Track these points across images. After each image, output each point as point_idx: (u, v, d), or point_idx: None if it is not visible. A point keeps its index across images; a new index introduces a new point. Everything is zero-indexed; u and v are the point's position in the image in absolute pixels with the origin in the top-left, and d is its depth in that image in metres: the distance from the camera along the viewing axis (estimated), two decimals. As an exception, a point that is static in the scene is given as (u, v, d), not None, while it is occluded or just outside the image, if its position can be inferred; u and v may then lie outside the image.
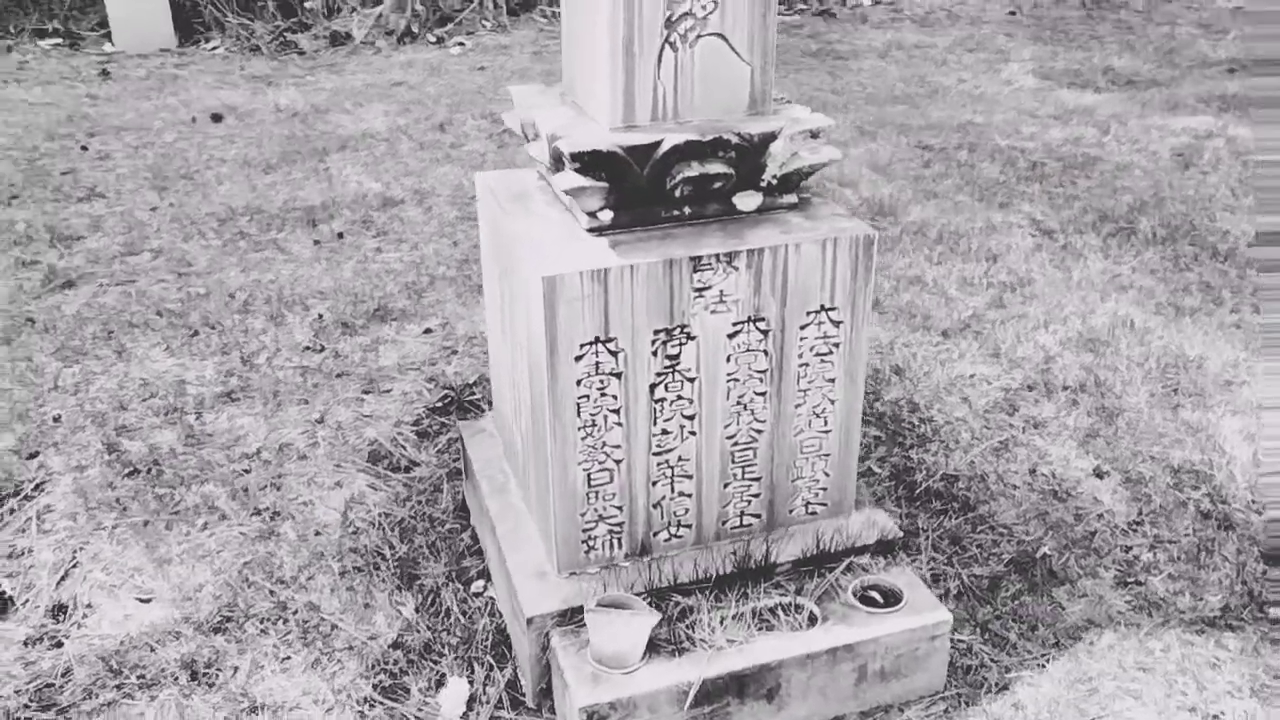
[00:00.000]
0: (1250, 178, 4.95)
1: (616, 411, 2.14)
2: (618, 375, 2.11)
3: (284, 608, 2.49)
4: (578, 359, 2.07)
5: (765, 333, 2.18)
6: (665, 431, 2.21)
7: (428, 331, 3.72)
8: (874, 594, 2.31)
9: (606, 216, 2.10)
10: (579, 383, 2.09)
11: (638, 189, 2.08)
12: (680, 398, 2.18)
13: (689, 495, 2.30)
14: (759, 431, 2.28)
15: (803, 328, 2.20)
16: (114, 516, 2.78)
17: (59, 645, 2.41)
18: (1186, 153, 5.38)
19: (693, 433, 2.23)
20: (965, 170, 5.31)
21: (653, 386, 2.15)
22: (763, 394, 2.24)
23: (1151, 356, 3.42)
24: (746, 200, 2.18)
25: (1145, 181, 5.05)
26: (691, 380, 2.17)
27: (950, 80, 7.27)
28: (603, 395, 2.12)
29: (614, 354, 2.09)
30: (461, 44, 8.61)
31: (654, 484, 2.25)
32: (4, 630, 2.46)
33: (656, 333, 2.10)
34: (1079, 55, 7.91)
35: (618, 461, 2.20)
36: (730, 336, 2.16)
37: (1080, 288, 3.93)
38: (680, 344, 2.13)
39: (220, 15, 8.51)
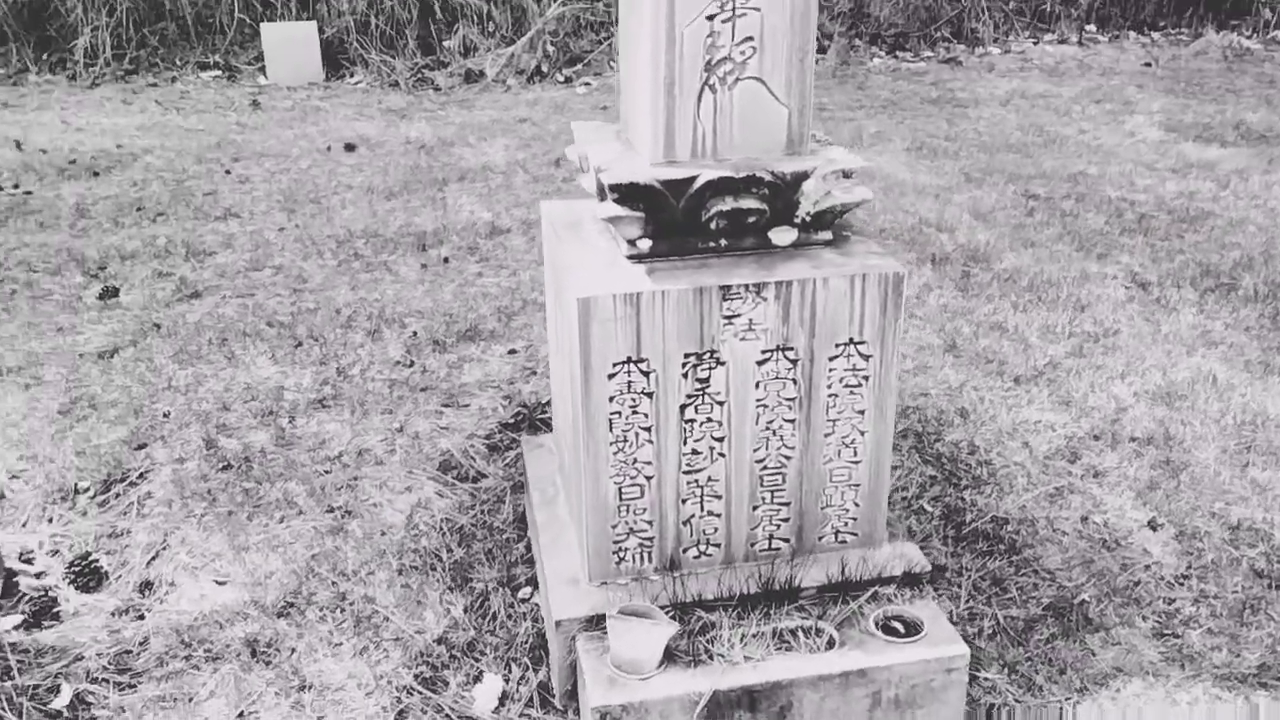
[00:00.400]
0: (1372, 237, 4.76)
1: (648, 429, 2.26)
2: (649, 395, 2.23)
3: (343, 598, 2.68)
4: (610, 377, 2.19)
5: (794, 362, 2.26)
6: (695, 451, 2.31)
7: (512, 352, 3.91)
8: (896, 624, 2.35)
9: (645, 245, 2.23)
10: (611, 399, 2.21)
11: (674, 220, 2.21)
12: (710, 420, 2.29)
13: (718, 515, 2.39)
14: (788, 457, 2.36)
15: (831, 359, 2.28)
16: (204, 506, 3.03)
17: (141, 618, 2.65)
18: (1306, 210, 5.21)
19: (722, 454, 2.33)
20: (1069, 220, 5.25)
21: (683, 407, 2.26)
22: (792, 421, 2.32)
23: (1230, 413, 3.34)
24: (781, 235, 2.28)
25: (1258, 238, 4.91)
26: (721, 403, 2.28)
27: (1070, 130, 7.17)
28: (634, 413, 2.24)
29: (646, 374, 2.21)
30: (588, 84, 8.92)
31: (684, 502, 2.36)
32: (97, 601, 2.71)
33: (687, 356, 2.22)
34: (1211, 109, 7.70)
35: (649, 478, 2.31)
36: (759, 364, 2.25)
37: (1167, 341, 3.86)
38: (710, 368, 2.24)
39: (364, 52, 9.03)
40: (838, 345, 2.27)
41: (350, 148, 6.93)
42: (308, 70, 8.93)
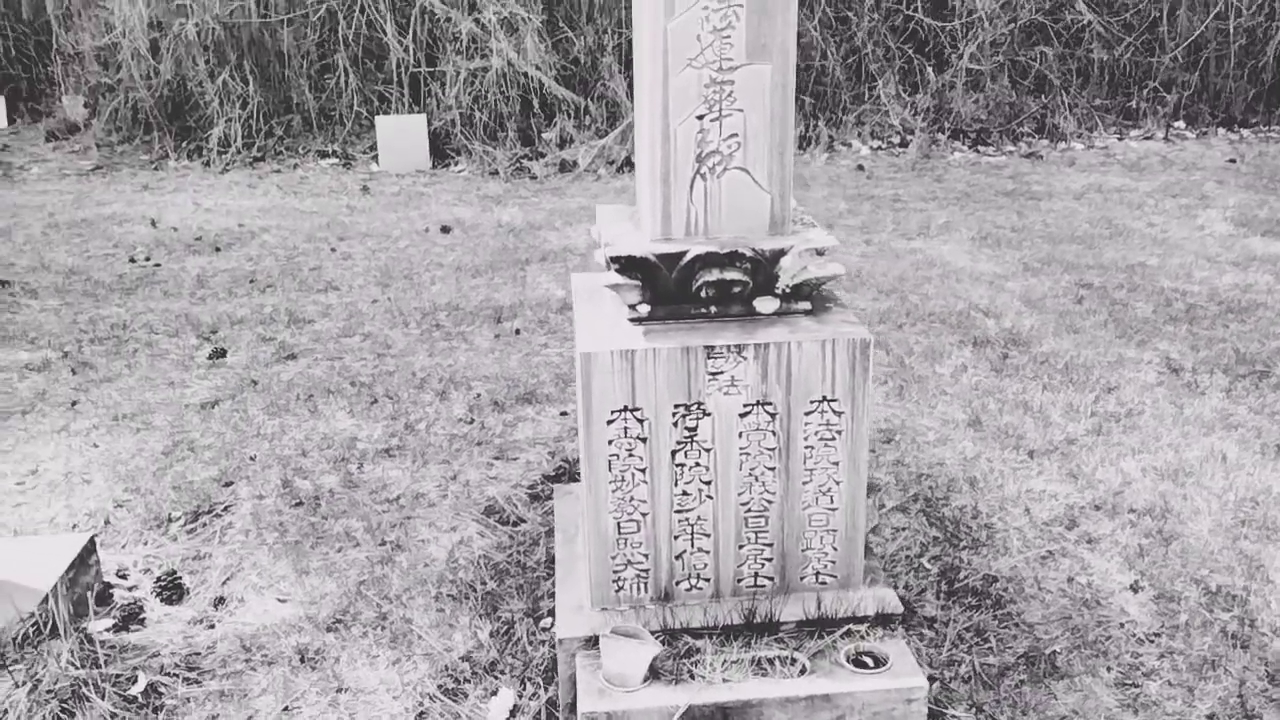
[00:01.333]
0: None
1: (643, 471, 2.57)
2: (644, 440, 2.55)
3: (384, 618, 3.03)
4: (609, 423, 2.52)
5: (773, 415, 2.56)
6: (685, 493, 2.61)
7: (563, 414, 4.27)
8: (867, 659, 2.58)
9: (644, 310, 2.58)
10: (610, 443, 2.54)
11: (668, 288, 2.55)
12: (698, 464, 2.59)
13: (707, 552, 2.67)
14: (770, 502, 2.64)
15: (807, 414, 2.56)
16: (275, 536, 3.44)
17: (211, 627, 3.04)
18: (1358, 303, 5.26)
19: (710, 496, 2.62)
20: (1117, 308, 5.41)
21: (674, 452, 2.57)
22: (772, 469, 2.61)
23: (1233, 490, 3.48)
24: (765, 304, 2.60)
25: (1304, 329, 5.00)
26: (708, 450, 2.58)
27: (1139, 224, 7.31)
28: (630, 455, 2.56)
29: (640, 421, 2.53)
30: (675, 174, 9.40)
31: (676, 538, 2.65)
32: (177, 611, 3.12)
33: (676, 407, 2.54)
34: (1289, 204, 7.73)
35: (644, 514, 2.62)
36: (742, 415, 2.56)
37: (1187, 423, 4.00)
38: (698, 418, 2.55)
39: (468, 143, 9.71)
40: (812, 402, 2.56)
41: (446, 229, 7.50)
42: (416, 159, 9.64)
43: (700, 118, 2.49)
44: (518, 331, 5.31)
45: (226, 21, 9.52)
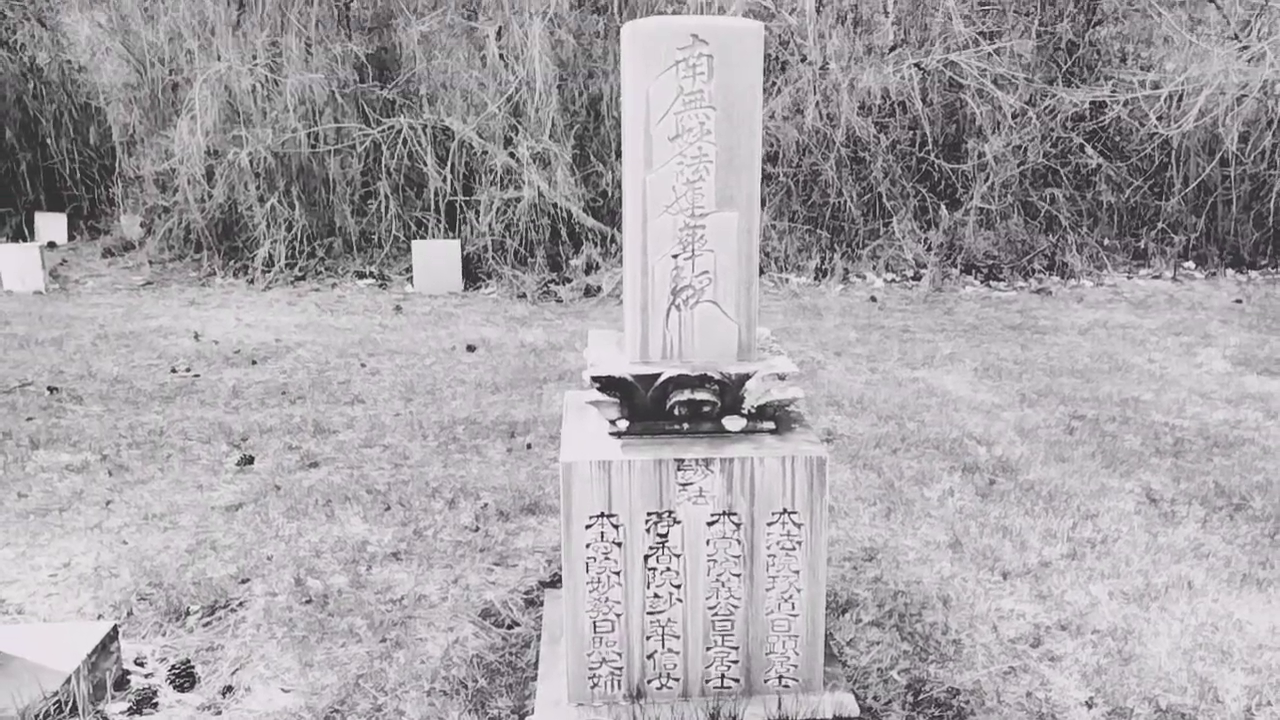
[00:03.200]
0: (1398, 469, 4.95)
1: (617, 574, 2.81)
2: (619, 544, 2.79)
3: (379, 709, 3.23)
4: (587, 527, 2.77)
5: (738, 525, 2.80)
6: (657, 596, 2.83)
7: (564, 526, 4.50)
8: (822, 759, 2.76)
9: (623, 425, 2.85)
10: (588, 546, 2.78)
11: (644, 406, 2.83)
12: (669, 569, 2.82)
13: (677, 653, 2.88)
14: (736, 606, 2.85)
15: (769, 524, 2.80)
16: (284, 630, 3.67)
17: (219, 714, 3.26)
18: (1341, 440, 5.43)
19: (680, 599, 2.84)
20: (1106, 440, 5.61)
21: (646, 557, 2.81)
22: (738, 575, 2.83)
23: (1195, 615, 3.63)
24: (732, 422, 2.86)
25: (1285, 464, 5.16)
26: (678, 556, 2.81)
27: (1140, 359, 7.53)
28: (606, 559, 2.80)
29: (616, 527, 2.78)
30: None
31: (648, 639, 2.86)
32: (188, 698, 3.34)
33: (650, 514, 2.78)
34: (1289, 343, 7.94)
35: (618, 615, 2.84)
36: (709, 524, 2.79)
37: (1160, 550, 4.17)
38: (669, 525, 2.79)
39: (498, 267, 10.18)
40: (774, 513, 2.79)
41: (471, 348, 7.86)
42: (448, 281, 10.10)
43: (675, 256, 2.81)
44: (529, 446, 5.58)
45: (278, 151, 10.16)
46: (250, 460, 5.39)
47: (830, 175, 10.77)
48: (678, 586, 2.83)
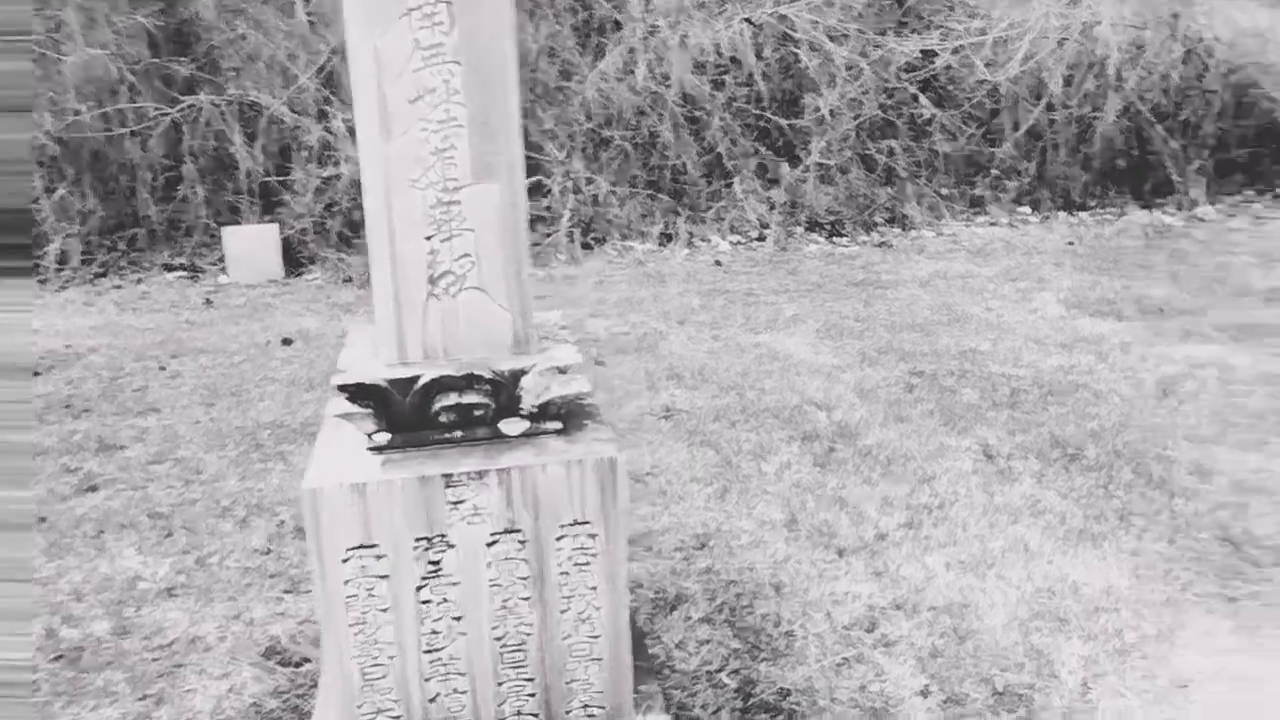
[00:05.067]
0: (1225, 408, 4.94)
1: (385, 611, 2.41)
2: (384, 577, 2.39)
3: (132, 783, 2.77)
4: (344, 561, 2.37)
5: (523, 543, 2.43)
6: (435, 631, 2.45)
7: (369, 538, 4.07)
8: (635, 798, 2.44)
9: (382, 438, 2.45)
10: (347, 583, 2.38)
11: (405, 415, 2.43)
12: (446, 600, 2.44)
13: (464, 692, 2.51)
14: (528, 634, 2.49)
15: (559, 539, 2.45)
16: (20, 697, 3.15)
17: (-61, 805, 2.74)
18: (1170, 382, 5.41)
19: (462, 633, 2.47)
20: (945, 396, 5.47)
21: (419, 589, 2.42)
22: (527, 599, 2.47)
23: (1031, 580, 3.46)
24: (511, 426, 2.49)
25: (1117, 410, 5.10)
26: (456, 584, 2.43)
27: (978, 309, 7.48)
28: (371, 595, 2.40)
29: (379, 559, 2.38)
30: (534, 273, 9.36)
31: (428, 680, 2.48)
32: (-97, 790, 2.81)
33: (418, 540, 2.39)
34: (1119, 284, 8.02)
35: (391, 657, 2.45)
36: (489, 545, 2.42)
37: (996, 511, 4.00)
38: (442, 551, 2.41)
39: (320, 251, 9.54)
40: (563, 526, 2.44)
41: (287, 342, 7.28)
42: (268, 268, 9.41)
43: (429, 238, 2.41)
44: (340, 448, 5.10)
45: (62, 136, 9.27)
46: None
47: (668, 137, 10.46)
48: (458, 619, 2.45)
